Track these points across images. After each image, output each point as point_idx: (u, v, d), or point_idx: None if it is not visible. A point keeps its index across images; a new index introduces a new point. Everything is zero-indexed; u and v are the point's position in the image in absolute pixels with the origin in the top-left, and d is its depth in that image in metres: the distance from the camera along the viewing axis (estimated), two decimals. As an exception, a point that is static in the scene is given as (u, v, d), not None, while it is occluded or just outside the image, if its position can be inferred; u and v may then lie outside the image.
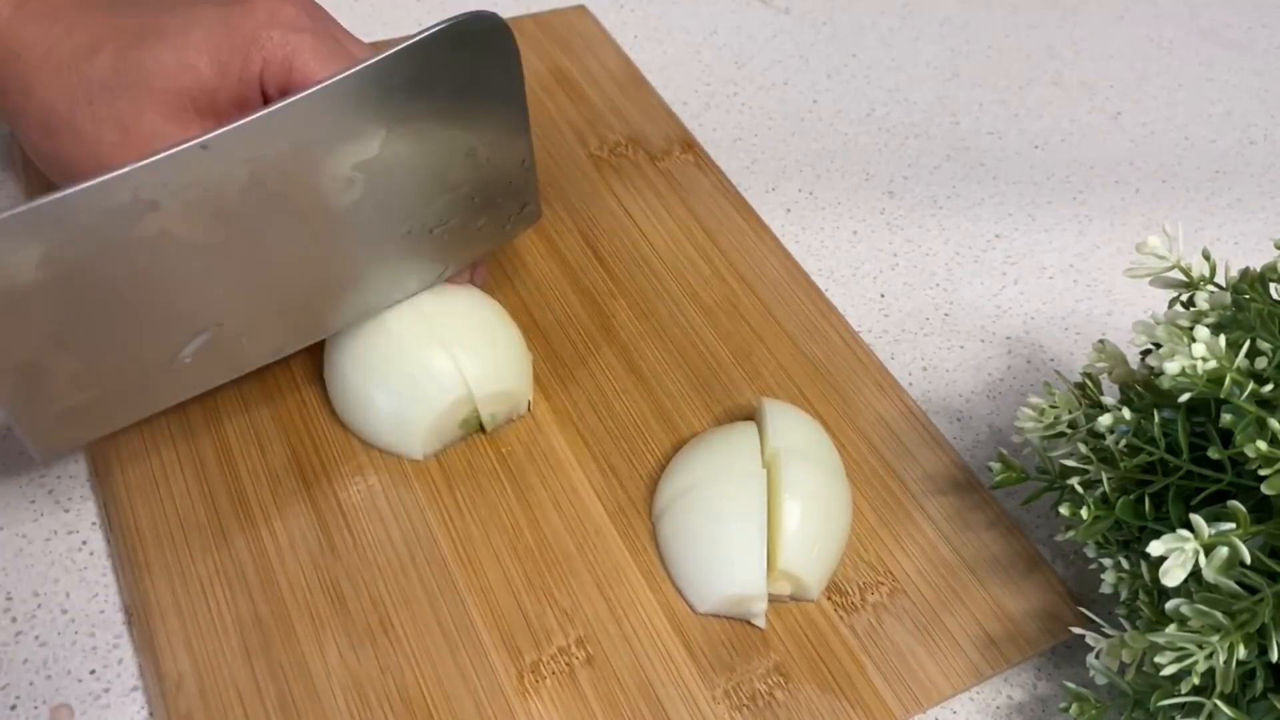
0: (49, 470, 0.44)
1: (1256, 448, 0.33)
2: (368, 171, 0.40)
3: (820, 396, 0.50)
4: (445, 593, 0.42)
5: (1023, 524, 0.47)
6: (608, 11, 0.68)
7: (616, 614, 0.42)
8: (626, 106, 0.62)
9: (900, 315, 0.55)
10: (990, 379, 0.53)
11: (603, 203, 0.57)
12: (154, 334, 0.38)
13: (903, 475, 0.47)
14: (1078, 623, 0.43)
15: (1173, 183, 0.65)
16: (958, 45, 0.72)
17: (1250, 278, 0.39)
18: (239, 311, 0.40)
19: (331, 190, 0.39)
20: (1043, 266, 0.59)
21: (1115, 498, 0.39)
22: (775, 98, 0.66)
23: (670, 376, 0.50)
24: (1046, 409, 0.42)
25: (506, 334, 0.46)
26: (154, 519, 0.42)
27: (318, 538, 0.42)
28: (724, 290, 0.53)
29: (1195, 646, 0.33)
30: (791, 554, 0.41)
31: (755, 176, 0.61)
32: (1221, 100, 0.71)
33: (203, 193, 0.36)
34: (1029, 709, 0.43)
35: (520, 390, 0.46)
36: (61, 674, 0.39)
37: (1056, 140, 0.66)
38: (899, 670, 0.42)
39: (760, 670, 0.41)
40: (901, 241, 0.59)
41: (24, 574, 0.42)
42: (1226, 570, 0.33)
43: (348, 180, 0.39)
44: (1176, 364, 0.35)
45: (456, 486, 0.45)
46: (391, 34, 0.63)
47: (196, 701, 0.38)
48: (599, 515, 0.44)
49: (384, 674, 0.39)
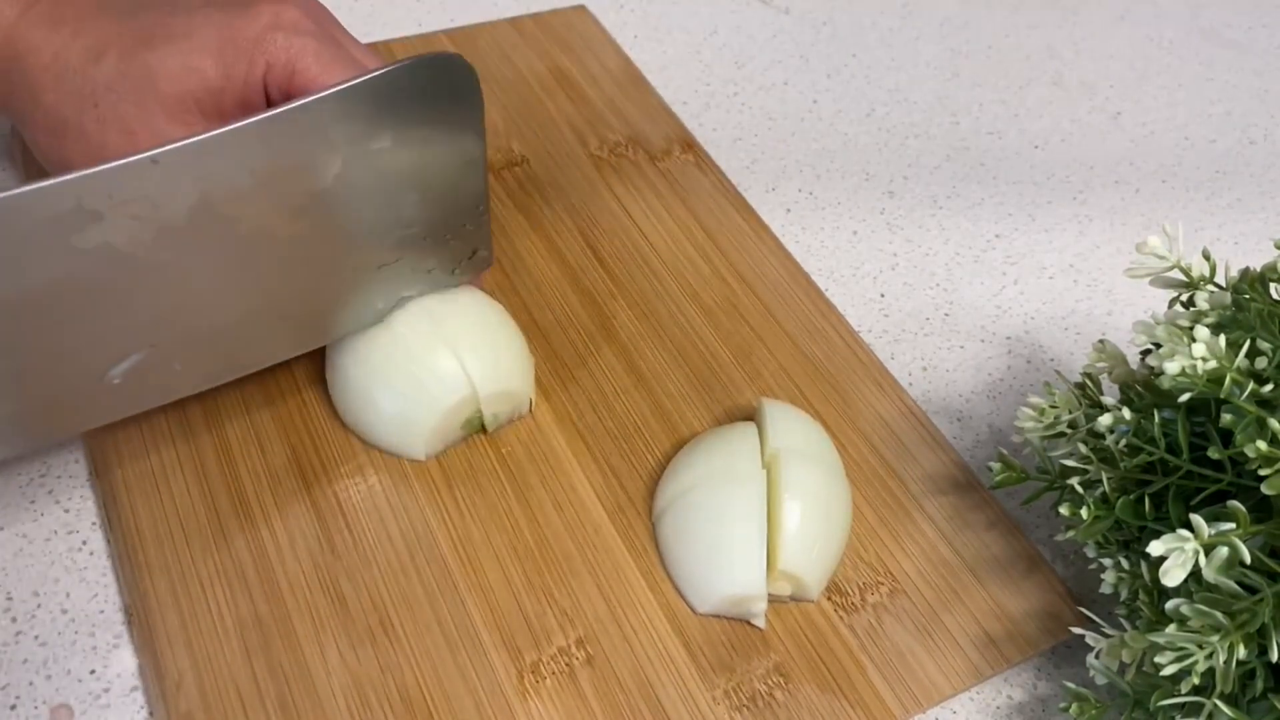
0: (49, 470, 0.44)
1: (1256, 448, 0.33)
2: (319, 202, 0.39)
3: (820, 396, 0.50)
4: (445, 593, 0.42)
5: (1023, 524, 0.47)
6: (608, 11, 0.68)
7: (616, 614, 0.42)
8: (626, 106, 0.62)
9: (900, 315, 0.55)
10: (990, 379, 0.53)
11: (603, 203, 0.57)
12: (84, 349, 0.37)
13: (903, 475, 0.47)
14: (1078, 623, 0.43)
15: (1173, 183, 0.65)
16: (958, 45, 0.72)
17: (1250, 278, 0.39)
18: (174, 334, 0.39)
19: (281, 218, 0.38)
20: (1043, 266, 0.59)
21: (1115, 498, 0.39)
22: (775, 98, 0.66)
23: (670, 376, 0.50)
24: (1046, 409, 0.42)
25: (510, 334, 0.46)
26: (154, 519, 0.42)
27: (318, 538, 0.42)
28: (724, 290, 0.53)
29: (1195, 646, 0.33)
30: (791, 554, 0.41)
31: (755, 176, 0.61)
32: (1221, 100, 0.71)
33: (149, 208, 0.35)
34: (1029, 709, 0.43)
35: (523, 390, 0.46)
36: (61, 674, 0.39)
37: (1056, 140, 0.66)
38: (899, 670, 0.42)
39: (760, 670, 0.41)
40: (901, 241, 0.59)
41: (24, 574, 0.42)
42: (1226, 570, 0.33)
43: (299, 209, 0.39)
44: (1176, 364, 0.35)
45: (456, 486, 0.45)
46: (392, 34, 0.63)
47: (196, 701, 0.38)
48: (599, 515, 0.44)
49: (384, 674, 0.39)
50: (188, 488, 0.43)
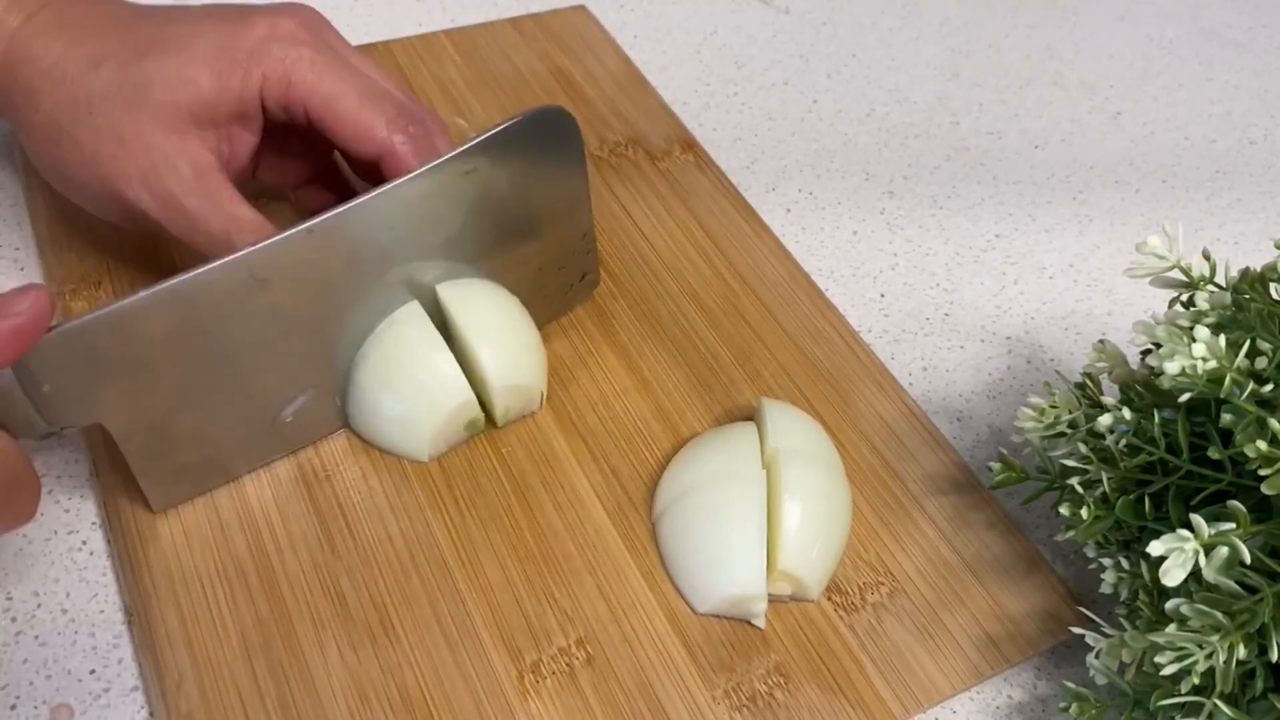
0: (49, 470, 0.44)
1: (1256, 448, 0.33)
2: (450, 247, 0.44)
3: (820, 397, 0.50)
4: (445, 593, 0.42)
5: (1023, 524, 0.47)
6: (608, 11, 0.68)
7: (616, 614, 0.42)
8: (626, 106, 0.62)
9: (900, 315, 0.55)
10: (990, 379, 0.53)
11: (603, 203, 0.57)
12: (261, 396, 0.42)
13: (903, 475, 0.47)
14: (1078, 623, 0.43)
15: (1173, 183, 0.65)
16: (958, 45, 0.72)
17: (1250, 278, 0.39)
18: (335, 372, 0.44)
19: (418, 265, 0.44)
20: (1043, 266, 0.59)
21: (1115, 498, 0.39)
22: (775, 98, 0.66)
23: (670, 376, 0.50)
24: (1046, 409, 0.42)
25: (526, 329, 0.46)
26: (154, 519, 0.42)
27: (318, 537, 0.42)
28: (724, 290, 0.53)
29: (1195, 646, 0.33)
30: (791, 554, 0.41)
31: (755, 176, 0.61)
32: (1221, 100, 0.71)
33: (308, 270, 0.41)
34: (1029, 709, 0.43)
35: (536, 385, 0.46)
36: (61, 674, 0.39)
37: (1056, 140, 0.66)
38: (899, 670, 0.42)
39: (760, 670, 0.41)
40: (901, 241, 0.59)
41: (24, 574, 0.42)
42: (1226, 570, 0.33)
43: (432, 254, 0.44)
44: (1176, 364, 0.35)
45: (456, 487, 0.45)
46: (392, 34, 0.63)
47: (196, 701, 0.38)
48: (599, 516, 0.44)
49: (384, 674, 0.39)
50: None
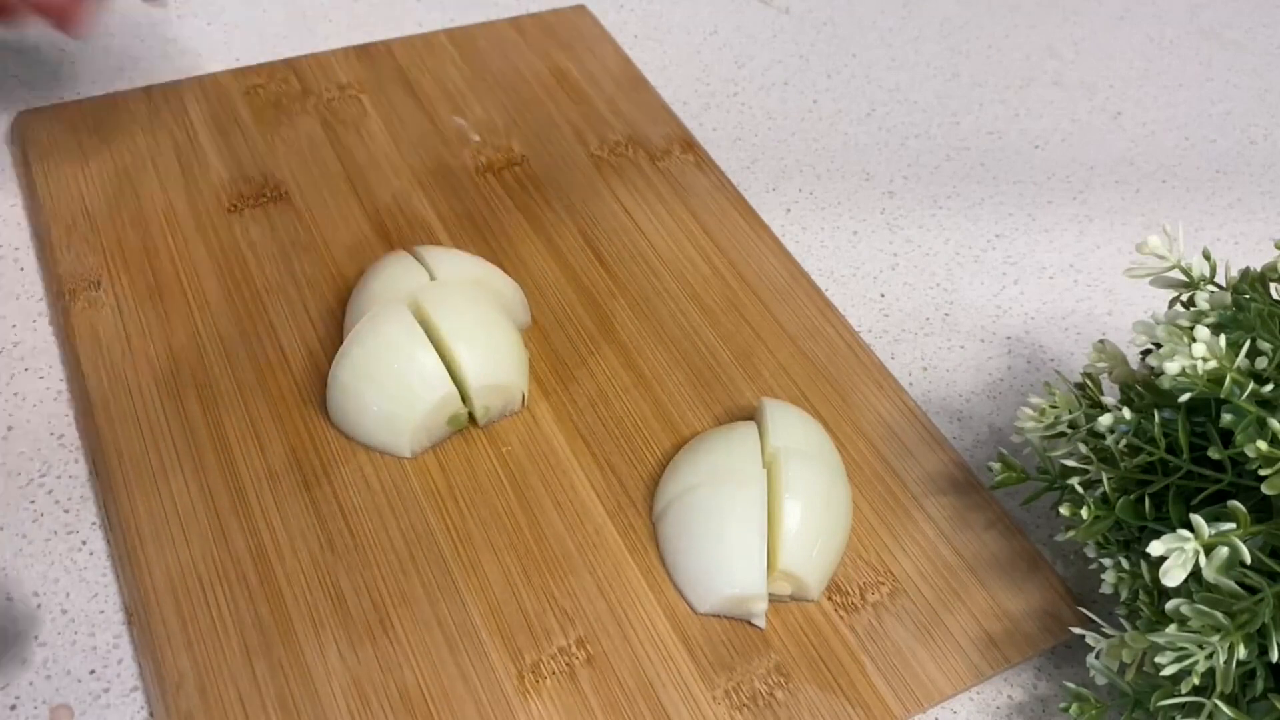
0: (49, 470, 0.44)
1: (1256, 448, 0.33)
2: None
3: (820, 396, 0.50)
4: (445, 592, 0.42)
5: (1023, 524, 0.47)
6: (608, 11, 0.68)
7: (617, 614, 0.42)
8: (626, 106, 0.62)
9: (900, 315, 0.55)
10: (990, 379, 0.53)
11: (603, 203, 0.57)
12: None
13: (903, 475, 0.47)
14: (1078, 623, 0.43)
15: (1173, 183, 0.65)
16: (958, 45, 0.72)
17: (1250, 278, 0.39)
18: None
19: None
20: (1043, 266, 0.59)
21: (1115, 498, 0.39)
22: (775, 98, 0.66)
23: (670, 376, 0.50)
24: (1046, 409, 0.42)
25: (504, 329, 0.46)
26: (154, 519, 0.42)
27: (318, 537, 0.42)
28: (724, 290, 0.53)
29: (1195, 646, 0.33)
30: (791, 554, 0.41)
31: (755, 176, 0.61)
32: (1221, 100, 0.71)
33: None
34: (1029, 709, 0.43)
35: (516, 384, 0.46)
36: (61, 674, 0.39)
37: (1056, 140, 0.66)
38: (899, 670, 0.42)
39: (760, 670, 0.41)
40: (901, 241, 0.59)
41: (24, 574, 0.41)
42: (1226, 570, 0.33)
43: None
44: (1176, 364, 0.35)
45: (456, 486, 0.45)
46: (392, 34, 0.63)
47: (196, 701, 0.38)
48: (599, 515, 0.44)
49: (384, 674, 0.39)
50: (187, 487, 0.43)
